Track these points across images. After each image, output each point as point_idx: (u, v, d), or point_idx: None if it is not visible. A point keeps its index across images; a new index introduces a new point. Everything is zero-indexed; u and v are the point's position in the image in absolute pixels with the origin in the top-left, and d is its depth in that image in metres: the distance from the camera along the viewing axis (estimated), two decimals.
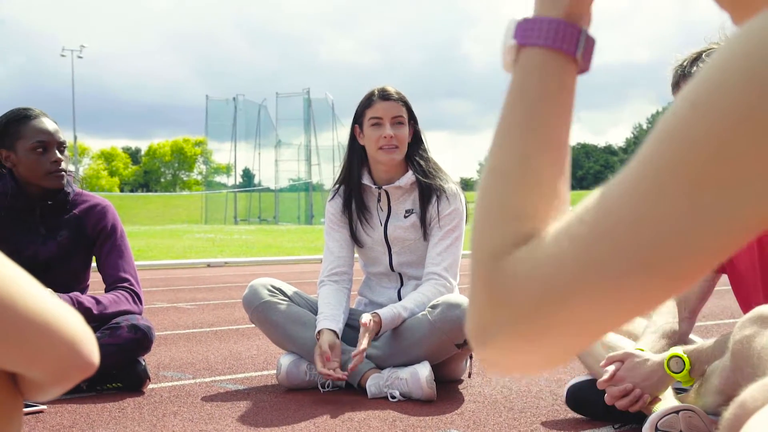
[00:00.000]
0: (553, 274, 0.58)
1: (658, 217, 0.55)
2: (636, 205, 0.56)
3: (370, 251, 3.40)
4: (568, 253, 0.58)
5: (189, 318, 5.51)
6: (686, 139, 0.54)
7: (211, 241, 19.19)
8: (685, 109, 0.55)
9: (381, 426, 2.63)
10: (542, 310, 0.59)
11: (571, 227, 0.59)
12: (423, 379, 2.97)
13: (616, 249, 0.56)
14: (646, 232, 0.55)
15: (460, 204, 3.31)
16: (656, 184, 0.55)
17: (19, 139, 3.13)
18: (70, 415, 2.78)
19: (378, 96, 3.31)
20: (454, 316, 3.03)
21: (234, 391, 3.17)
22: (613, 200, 0.58)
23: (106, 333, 3.06)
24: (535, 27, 0.69)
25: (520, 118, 0.67)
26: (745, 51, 0.53)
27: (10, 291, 0.78)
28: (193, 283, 8.48)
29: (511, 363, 0.63)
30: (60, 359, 0.82)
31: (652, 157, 0.56)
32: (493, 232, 0.63)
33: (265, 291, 3.29)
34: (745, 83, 0.52)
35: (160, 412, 2.83)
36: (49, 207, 3.23)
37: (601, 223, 0.57)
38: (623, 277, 0.56)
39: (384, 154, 3.26)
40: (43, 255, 3.20)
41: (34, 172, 3.14)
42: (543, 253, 0.60)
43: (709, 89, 0.54)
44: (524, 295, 0.59)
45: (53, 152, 3.15)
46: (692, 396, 2.34)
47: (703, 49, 2.30)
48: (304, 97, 45.91)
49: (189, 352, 4.10)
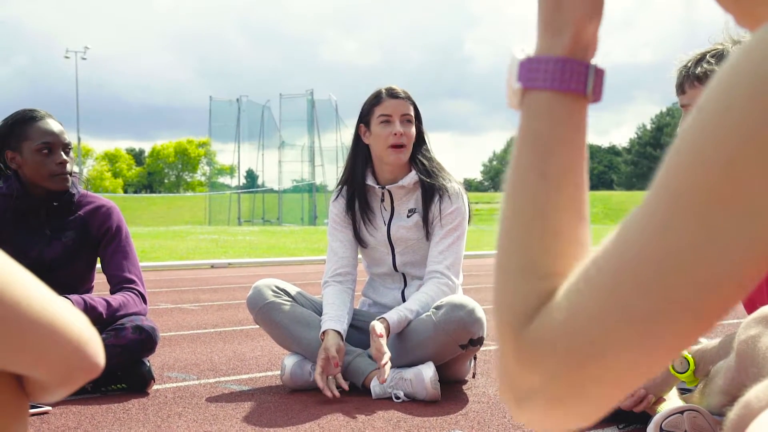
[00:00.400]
0: (580, 330, 0.56)
1: (674, 250, 0.53)
2: (651, 242, 0.54)
3: (373, 251, 3.40)
4: (592, 305, 0.56)
5: (193, 319, 5.51)
6: (695, 163, 0.53)
7: (214, 242, 19.20)
8: (693, 131, 0.54)
9: (385, 426, 2.63)
10: (574, 370, 0.56)
11: (591, 277, 0.57)
12: (427, 380, 2.97)
13: (639, 292, 0.54)
14: (666, 267, 0.53)
15: (462, 203, 3.31)
16: (668, 213, 0.53)
17: (24, 140, 3.14)
18: (74, 417, 2.79)
19: (387, 94, 3.31)
20: (458, 317, 3.03)
21: (238, 392, 3.17)
22: (629, 239, 0.55)
23: (111, 334, 3.07)
24: (540, 68, 0.65)
25: (534, 165, 0.63)
26: (748, 69, 0.52)
27: (14, 293, 0.78)
28: (196, 284, 8.49)
29: (550, 422, 0.60)
30: (65, 361, 0.82)
31: (662, 186, 0.55)
32: (516, 294, 0.61)
33: (269, 292, 3.29)
34: (749, 102, 0.51)
35: (164, 413, 2.83)
36: (54, 208, 3.23)
37: (619, 267, 0.55)
38: (651, 320, 0.53)
39: (392, 154, 3.26)
40: (48, 256, 3.20)
41: (39, 173, 3.15)
42: (567, 310, 0.57)
43: (715, 109, 0.53)
44: (554, 358, 0.57)
45: (59, 153, 3.16)
46: (697, 396, 2.34)
47: (707, 50, 2.29)
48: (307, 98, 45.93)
49: (193, 353, 4.10)
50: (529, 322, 0.59)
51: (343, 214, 3.40)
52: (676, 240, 0.53)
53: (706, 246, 0.52)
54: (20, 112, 3.20)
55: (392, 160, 3.28)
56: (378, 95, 3.33)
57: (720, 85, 0.53)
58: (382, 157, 3.30)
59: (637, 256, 0.54)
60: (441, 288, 3.21)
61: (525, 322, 0.59)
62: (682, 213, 0.53)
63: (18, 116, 3.18)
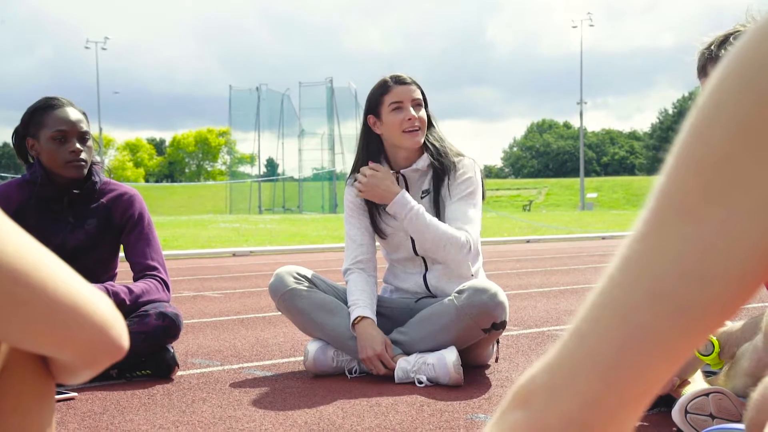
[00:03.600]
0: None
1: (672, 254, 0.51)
2: (652, 245, 0.52)
3: (392, 238, 3.39)
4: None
5: (216, 306, 5.54)
6: (693, 155, 0.51)
7: (236, 230, 19.28)
8: (686, 132, 0.52)
9: (408, 411, 2.64)
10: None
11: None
12: (450, 364, 2.97)
13: (647, 299, 0.52)
14: (663, 273, 0.51)
15: (474, 174, 3.29)
16: (663, 218, 0.51)
17: (42, 127, 3.17)
18: (100, 402, 2.81)
19: (393, 81, 3.30)
20: (480, 301, 3.03)
21: (262, 378, 3.18)
22: (628, 251, 0.53)
23: (135, 321, 3.09)
24: None
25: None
26: (740, 63, 0.50)
27: (41, 275, 0.78)
28: (218, 272, 8.53)
29: None
30: (90, 343, 0.83)
31: (658, 192, 0.53)
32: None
33: (290, 278, 3.30)
34: (740, 92, 0.50)
35: (189, 399, 2.85)
36: (77, 196, 3.25)
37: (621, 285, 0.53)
38: (654, 333, 0.52)
39: (409, 138, 3.25)
40: (71, 243, 3.23)
41: (54, 161, 3.17)
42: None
43: (708, 102, 0.52)
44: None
45: (72, 142, 3.16)
46: (722, 379, 2.32)
47: (730, 32, 2.25)
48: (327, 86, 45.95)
49: (216, 339, 4.12)
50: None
51: (359, 201, 3.40)
52: (672, 242, 0.51)
53: (714, 240, 0.50)
54: (42, 100, 3.23)
55: (409, 144, 3.27)
56: (384, 84, 3.31)
57: (715, 76, 0.52)
58: (398, 143, 3.28)
59: (640, 266, 0.52)
60: (458, 233, 3.19)
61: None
62: (677, 216, 0.51)
63: (39, 104, 3.21)
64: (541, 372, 0.56)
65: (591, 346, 0.54)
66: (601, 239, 15.42)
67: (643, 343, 0.52)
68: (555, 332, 4.23)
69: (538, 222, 23.91)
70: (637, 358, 0.52)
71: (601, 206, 53.20)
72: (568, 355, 0.55)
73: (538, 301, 5.54)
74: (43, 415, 0.85)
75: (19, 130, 3.24)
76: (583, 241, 15.10)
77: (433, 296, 3.33)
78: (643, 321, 0.51)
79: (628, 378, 0.53)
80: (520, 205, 53.82)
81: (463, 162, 3.31)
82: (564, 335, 0.56)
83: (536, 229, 19.14)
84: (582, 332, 0.54)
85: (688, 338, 0.52)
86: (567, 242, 14.73)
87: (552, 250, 12.13)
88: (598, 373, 0.53)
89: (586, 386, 0.54)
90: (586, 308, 0.55)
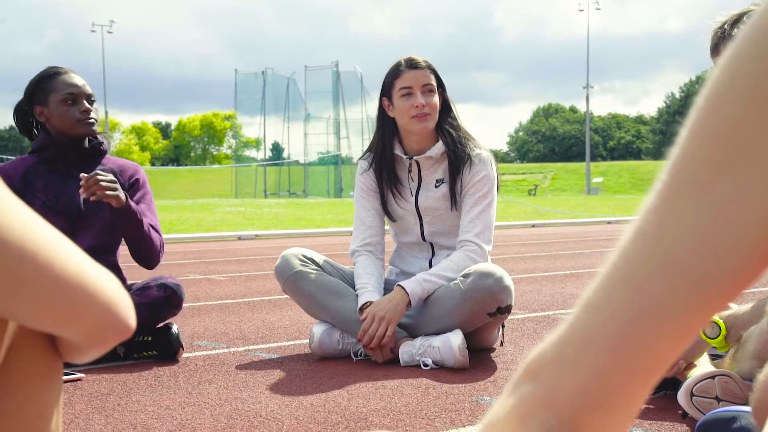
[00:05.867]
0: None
1: (685, 222, 0.50)
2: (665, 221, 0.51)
3: (401, 222, 3.39)
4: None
5: (221, 289, 5.55)
6: (707, 126, 0.50)
7: (241, 214, 19.30)
8: (700, 105, 0.51)
9: (414, 393, 2.64)
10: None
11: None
12: (455, 347, 2.97)
13: (660, 273, 0.51)
14: (674, 242, 0.51)
15: (490, 170, 3.29)
16: (675, 192, 0.51)
17: (50, 93, 3.26)
18: (107, 383, 2.83)
19: (405, 65, 3.28)
20: (486, 285, 3.02)
21: (267, 360, 3.19)
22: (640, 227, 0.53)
23: (137, 293, 3.14)
24: None
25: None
26: (755, 29, 0.50)
27: (47, 253, 0.78)
28: (224, 256, 8.55)
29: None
30: (97, 322, 0.83)
31: (677, 156, 0.52)
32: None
33: (297, 261, 3.30)
34: (754, 63, 0.49)
35: (195, 380, 2.86)
36: (84, 151, 3.32)
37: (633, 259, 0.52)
38: (683, 298, 0.51)
39: (417, 123, 3.24)
40: (78, 200, 3.27)
41: (66, 121, 3.26)
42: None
43: (722, 74, 0.51)
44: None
45: (82, 103, 3.27)
46: (728, 361, 2.32)
47: (744, 11, 2.24)
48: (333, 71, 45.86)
49: (222, 322, 4.13)
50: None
51: (371, 182, 3.39)
52: (683, 213, 0.50)
53: (722, 214, 0.49)
54: (45, 69, 3.34)
55: (418, 129, 3.26)
56: (397, 67, 3.30)
57: (727, 54, 0.52)
58: (407, 128, 3.28)
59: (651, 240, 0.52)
60: (469, 255, 3.20)
61: None
62: (689, 187, 0.50)
63: (43, 73, 3.32)
64: (551, 345, 0.56)
65: (600, 318, 0.53)
66: (606, 224, 15.40)
67: (653, 315, 0.51)
68: (560, 316, 4.23)
69: (544, 206, 23.88)
70: (647, 330, 0.52)
71: (606, 191, 53.12)
72: (577, 328, 0.55)
73: (543, 285, 5.54)
74: (50, 394, 0.85)
75: (23, 104, 3.33)
76: (588, 225, 15.09)
77: None
78: (654, 293, 0.51)
79: (638, 351, 0.52)
80: (525, 190, 53.77)
81: (480, 157, 3.29)
82: (574, 309, 0.55)
83: (542, 214, 19.12)
84: (592, 305, 0.54)
85: (699, 311, 0.51)
86: (572, 227, 14.72)
87: (557, 234, 12.12)
88: (607, 345, 0.53)
89: (594, 358, 0.53)
90: (597, 281, 0.54)
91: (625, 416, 0.55)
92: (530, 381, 0.56)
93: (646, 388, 0.54)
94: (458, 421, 2.33)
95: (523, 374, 0.57)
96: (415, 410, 2.44)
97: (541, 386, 0.56)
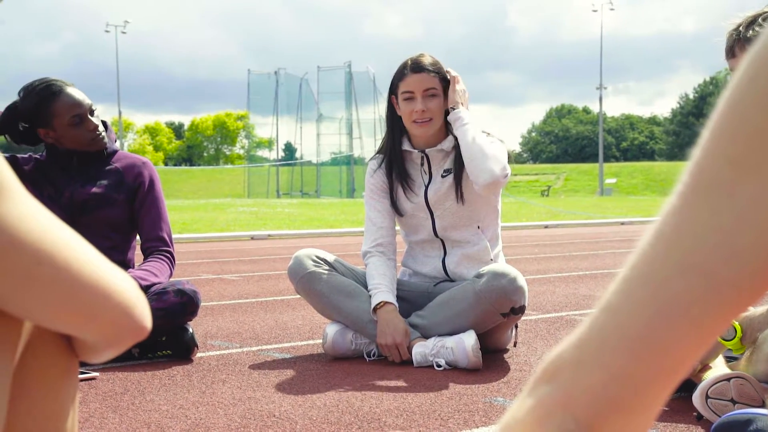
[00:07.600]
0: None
1: (709, 224, 0.50)
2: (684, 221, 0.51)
3: (411, 219, 3.38)
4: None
5: (234, 289, 5.56)
6: (727, 128, 0.50)
7: (254, 214, 19.33)
8: (721, 107, 0.51)
9: (427, 394, 2.64)
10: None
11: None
12: (469, 348, 2.96)
13: (677, 271, 0.51)
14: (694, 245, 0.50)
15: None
16: (694, 193, 0.51)
17: (53, 117, 3.24)
18: (121, 382, 2.84)
19: (410, 68, 3.27)
20: (499, 286, 3.02)
21: (280, 360, 3.20)
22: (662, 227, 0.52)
23: (154, 297, 3.14)
24: None
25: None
26: None
27: (65, 255, 0.78)
28: (237, 256, 8.56)
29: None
30: (114, 323, 0.83)
31: (698, 158, 0.52)
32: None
33: (309, 261, 3.30)
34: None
35: (208, 380, 2.87)
36: (89, 156, 3.34)
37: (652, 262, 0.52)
38: (702, 299, 0.50)
39: (417, 128, 3.26)
40: (81, 197, 3.30)
41: (78, 142, 3.29)
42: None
43: (743, 77, 0.51)
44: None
45: (89, 121, 3.28)
46: (743, 364, 2.31)
47: (758, 13, 2.22)
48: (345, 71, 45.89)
49: (235, 322, 4.14)
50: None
51: (381, 182, 3.39)
52: (706, 215, 0.50)
53: (739, 217, 0.49)
54: (40, 88, 3.23)
55: (419, 133, 3.28)
56: (402, 69, 3.30)
57: (749, 57, 0.51)
58: (410, 130, 3.31)
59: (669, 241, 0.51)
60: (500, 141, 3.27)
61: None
62: (710, 190, 0.50)
63: (40, 94, 3.22)
64: (570, 347, 0.56)
65: (620, 319, 0.53)
66: (620, 225, 15.34)
67: (672, 316, 0.51)
68: (574, 317, 4.22)
69: (557, 207, 23.82)
70: (666, 332, 0.51)
71: (620, 192, 52.93)
72: (596, 329, 0.54)
73: (556, 286, 5.52)
74: (66, 392, 0.86)
75: (20, 119, 3.25)
76: (601, 226, 15.04)
77: (451, 281, 3.33)
78: (674, 294, 0.51)
79: (657, 353, 0.52)
80: (538, 191, 53.64)
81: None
82: (594, 310, 0.55)
83: (555, 215, 19.07)
84: (611, 306, 0.54)
85: (718, 314, 0.51)
86: (585, 228, 14.67)
87: (570, 235, 12.09)
88: (626, 346, 0.52)
89: (613, 360, 0.53)
90: (616, 282, 0.54)
91: (644, 419, 0.55)
92: (548, 382, 0.56)
93: (666, 390, 0.54)
94: (472, 422, 2.33)
95: (541, 375, 0.57)
96: (429, 411, 2.44)
97: (560, 387, 0.55)
